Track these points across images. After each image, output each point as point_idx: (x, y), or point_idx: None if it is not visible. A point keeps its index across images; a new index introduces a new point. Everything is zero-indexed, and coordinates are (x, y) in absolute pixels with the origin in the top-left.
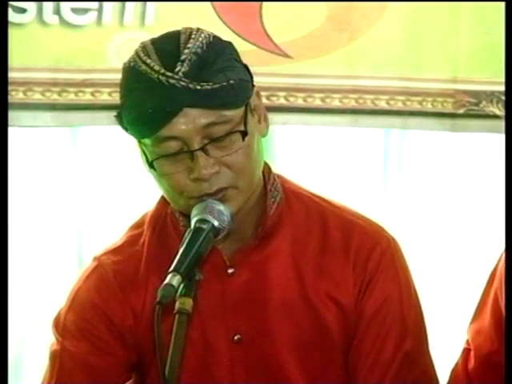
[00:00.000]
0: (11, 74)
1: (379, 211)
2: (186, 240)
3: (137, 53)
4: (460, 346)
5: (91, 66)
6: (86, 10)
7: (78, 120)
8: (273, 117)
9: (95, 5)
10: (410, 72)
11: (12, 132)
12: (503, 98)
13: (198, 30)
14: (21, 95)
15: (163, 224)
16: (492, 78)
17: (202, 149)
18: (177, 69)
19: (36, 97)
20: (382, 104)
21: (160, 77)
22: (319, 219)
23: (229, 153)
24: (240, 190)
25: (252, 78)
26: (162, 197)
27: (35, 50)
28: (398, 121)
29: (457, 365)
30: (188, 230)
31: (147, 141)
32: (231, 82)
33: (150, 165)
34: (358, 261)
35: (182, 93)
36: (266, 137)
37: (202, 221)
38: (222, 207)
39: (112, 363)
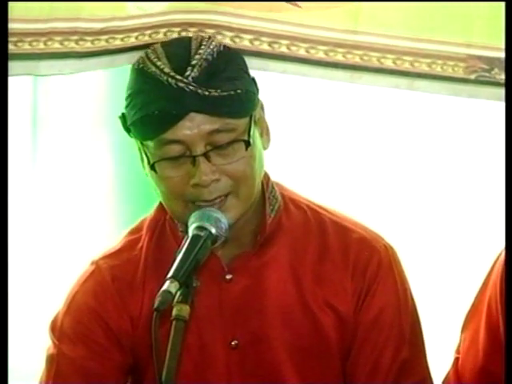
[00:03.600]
0: (35, 25)
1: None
2: (184, 247)
3: (147, 55)
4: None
5: (111, 15)
6: None
7: (91, 66)
8: (272, 64)
9: None
10: (421, 33)
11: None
12: None
13: (210, 37)
14: (41, 45)
15: (161, 229)
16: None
17: (205, 155)
18: (187, 73)
19: (55, 46)
20: (389, 63)
21: (169, 79)
22: (317, 227)
23: (230, 161)
24: (240, 199)
25: (258, 90)
26: (161, 202)
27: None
28: (404, 81)
29: (448, 375)
30: (186, 237)
31: (150, 143)
32: (238, 91)
33: (152, 167)
34: (357, 269)
35: (189, 97)
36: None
37: (200, 228)
38: (219, 215)
39: (108, 367)
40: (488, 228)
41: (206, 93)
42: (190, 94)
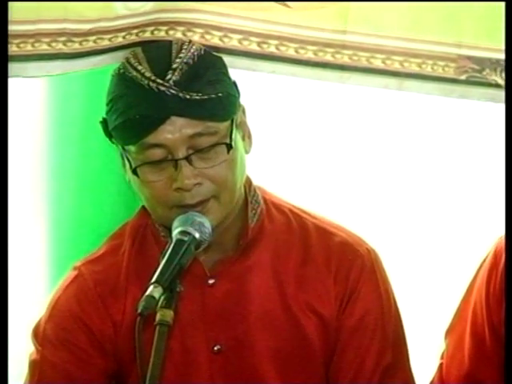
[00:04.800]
0: (22, 27)
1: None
2: (168, 252)
3: (127, 60)
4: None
5: (99, 15)
6: None
7: (79, 66)
8: (261, 64)
9: None
10: (411, 33)
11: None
12: None
13: (190, 41)
14: (29, 47)
15: (144, 234)
16: (499, 45)
17: (187, 158)
18: (168, 77)
19: (43, 47)
20: (378, 63)
21: (150, 83)
22: (300, 231)
23: (212, 165)
24: (221, 203)
25: (239, 94)
26: (143, 207)
27: (46, 2)
28: (393, 82)
29: (433, 380)
30: (169, 242)
31: (132, 147)
32: (220, 94)
33: (134, 171)
34: (340, 273)
35: (171, 101)
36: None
37: (184, 233)
38: (203, 219)
39: (92, 372)
40: (472, 232)
41: (187, 96)
42: (171, 98)
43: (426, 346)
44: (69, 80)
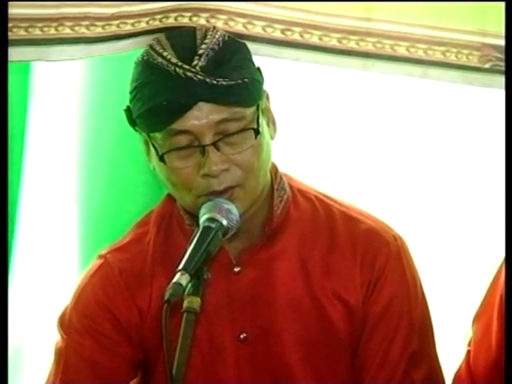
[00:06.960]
0: (46, 11)
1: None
2: (195, 239)
3: (151, 46)
4: (464, 345)
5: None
6: None
7: (102, 51)
8: (285, 51)
9: None
10: (435, 21)
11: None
12: None
13: (214, 28)
14: (52, 31)
15: (169, 222)
16: None
17: (214, 144)
18: (194, 62)
19: (66, 31)
20: (402, 51)
21: (177, 69)
22: (326, 218)
23: (239, 150)
24: (247, 191)
25: (263, 80)
26: (168, 195)
27: None
28: (417, 70)
29: (460, 368)
30: (196, 229)
31: (158, 134)
32: (246, 80)
33: (161, 158)
34: (366, 260)
35: (198, 86)
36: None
37: (211, 220)
38: (230, 206)
39: (117, 361)
40: (500, 218)
41: (214, 82)
42: (198, 84)
43: (454, 333)
44: (103, 66)
